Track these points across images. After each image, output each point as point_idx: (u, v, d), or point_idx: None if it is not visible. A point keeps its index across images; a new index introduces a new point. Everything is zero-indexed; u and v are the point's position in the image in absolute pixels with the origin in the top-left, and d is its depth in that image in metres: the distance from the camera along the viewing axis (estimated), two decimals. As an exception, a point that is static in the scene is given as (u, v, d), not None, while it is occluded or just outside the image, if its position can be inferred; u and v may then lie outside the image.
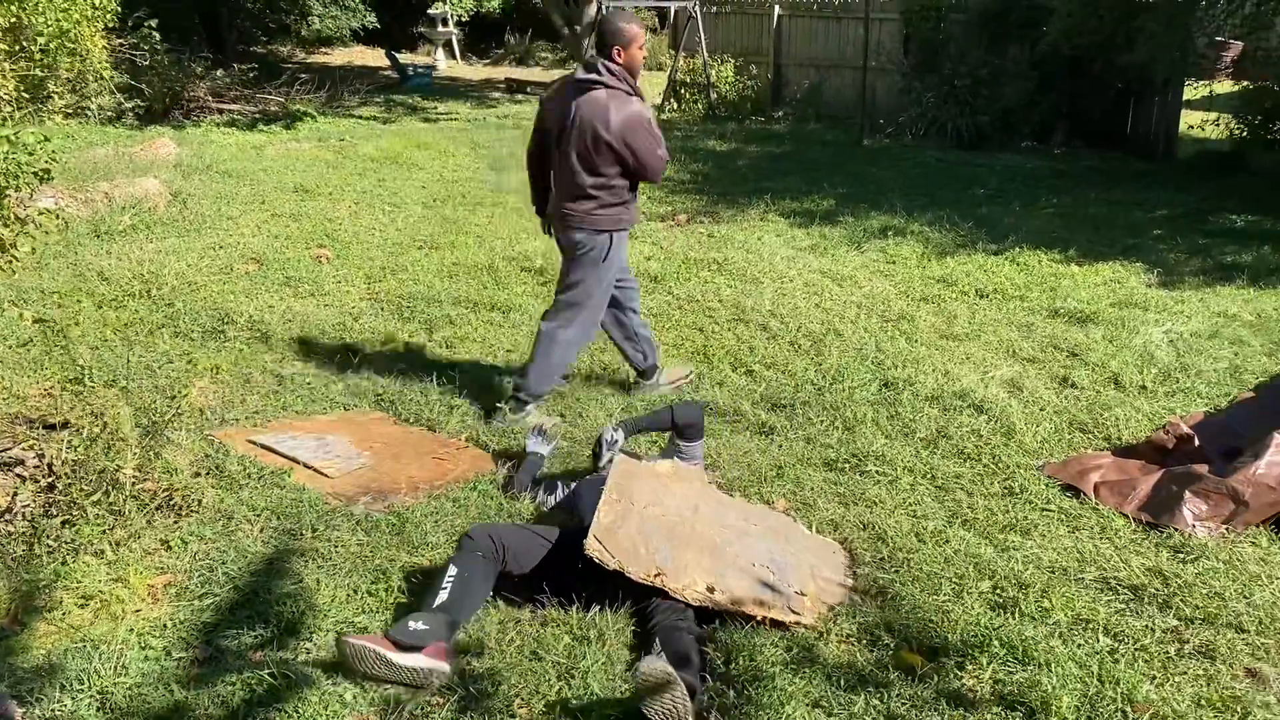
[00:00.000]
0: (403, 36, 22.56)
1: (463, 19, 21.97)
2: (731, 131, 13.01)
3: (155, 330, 5.33)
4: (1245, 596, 3.10)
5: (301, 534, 3.36)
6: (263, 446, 4.03)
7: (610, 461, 3.50)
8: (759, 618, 2.88)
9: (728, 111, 14.38)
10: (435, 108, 14.87)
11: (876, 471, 3.96)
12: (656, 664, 2.47)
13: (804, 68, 14.94)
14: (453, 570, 2.90)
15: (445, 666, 2.64)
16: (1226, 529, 3.48)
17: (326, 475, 3.86)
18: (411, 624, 2.66)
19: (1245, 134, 11.04)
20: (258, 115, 12.87)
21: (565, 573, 3.00)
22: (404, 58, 19.83)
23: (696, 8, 14.34)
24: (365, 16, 20.02)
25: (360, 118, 13.49)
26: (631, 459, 3.49)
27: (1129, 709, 2.54)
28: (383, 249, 7.19)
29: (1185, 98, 12.43)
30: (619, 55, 4.16)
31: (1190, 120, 12.59)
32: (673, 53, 16.14)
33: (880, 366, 5.09)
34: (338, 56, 21.28)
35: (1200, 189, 9.76)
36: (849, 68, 14.03)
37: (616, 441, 3.70)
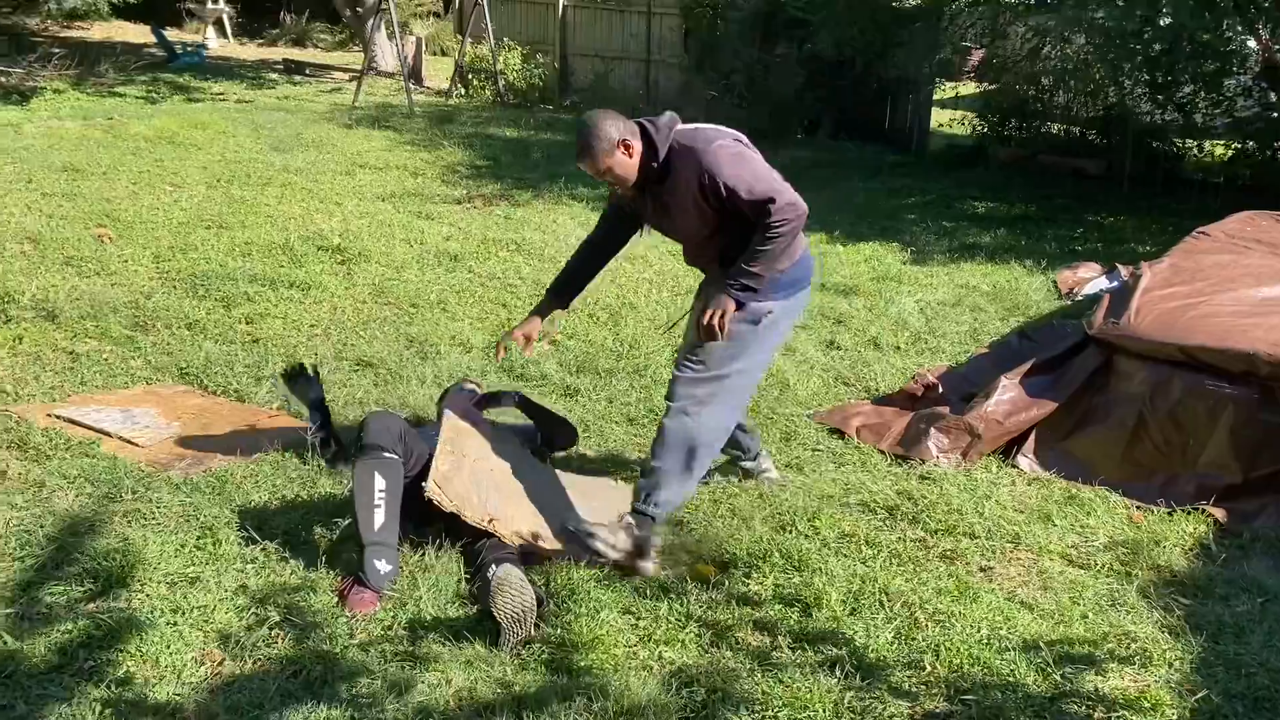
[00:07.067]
0: (169, 13, 21.31)
1: (232, -2, 21.06)
2: (522, 119, 13.24)
3: (-75, 310, 5.07)
4: (978, 511, 3.68)
5: (121, 497, 3.39)
6: (66, 420, 3.98)
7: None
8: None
9: (517, 99, 14.58)
10: (210, 88, 14.26)
11: (671, 424, 4.35)
12: (512, 570, 2.85)
13: (590, 58, 15.34)
14: (380, 484, 3.06)
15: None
16: (964, 457, 4.09)
17: (138, 444, 3.86)
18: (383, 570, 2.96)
19: (986, 130, 12.32)
20: (-1, 90, 11.95)
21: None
22: (172, 35, 18.80)
23: (483, -6, 14.44)
24: (124, -10, 18.74)
25: (128, 97, 12.80)
26: (457, 418, 3.72)
27: (885, 598, 3.03)
28: (168, 228, 6.99)
29: (935, 97, 13.70)
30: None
31: (940, 118, 13.87)
32: (459, 38, 16.18)
33: (672, 334, 5.50)
34: (97, 31, 19.90)
35: (948, 178, 10.86)
36: (633, 60, 14.55)
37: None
